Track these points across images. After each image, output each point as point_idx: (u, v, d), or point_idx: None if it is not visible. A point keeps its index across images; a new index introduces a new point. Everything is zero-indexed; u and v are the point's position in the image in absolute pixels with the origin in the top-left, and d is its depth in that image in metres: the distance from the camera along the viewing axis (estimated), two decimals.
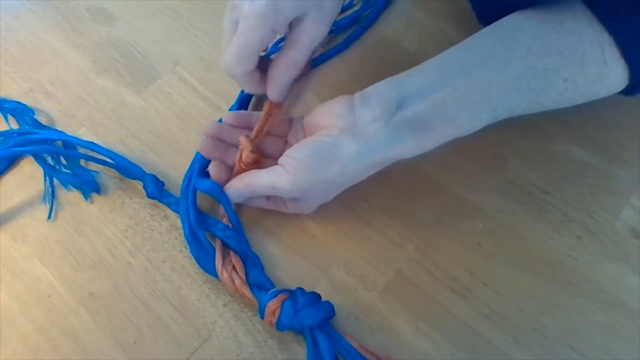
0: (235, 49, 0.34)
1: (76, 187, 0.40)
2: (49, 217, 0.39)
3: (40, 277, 0.37)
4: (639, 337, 0.33)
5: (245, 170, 0.37)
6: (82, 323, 0.35)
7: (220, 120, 0.40)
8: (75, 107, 0.45)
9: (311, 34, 0.34)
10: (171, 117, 0.44)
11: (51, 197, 0.40)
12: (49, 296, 0.36)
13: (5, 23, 0.51)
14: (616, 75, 0.33)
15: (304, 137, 0.37)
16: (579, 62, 0.32)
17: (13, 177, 0.42)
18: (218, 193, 0.36)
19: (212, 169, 0.38)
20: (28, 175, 0.42)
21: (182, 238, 0.38)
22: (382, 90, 0.34)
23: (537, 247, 0.37)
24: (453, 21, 0.49)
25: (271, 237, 0.38)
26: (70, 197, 0.40)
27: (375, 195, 0.39)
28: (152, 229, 0.39)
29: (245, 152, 0.37)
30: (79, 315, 0.35)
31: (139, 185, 0.41)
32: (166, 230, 0.39)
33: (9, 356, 0.34)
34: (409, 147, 0.33)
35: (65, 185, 0.41)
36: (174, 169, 0.41)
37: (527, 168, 0.40)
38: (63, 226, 0.39)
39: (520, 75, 0.32)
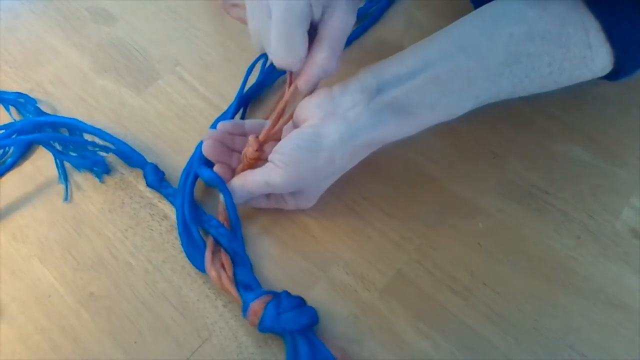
0: (282, 36, 0.32)
1: (87, 169, 0.41)
2: (66, 198, 0.40)
3: (40, 277, 0.37)
4: (639, 337, 0.33)
5: (249, 167, 0.37)
6: (82, 323, 0.35)
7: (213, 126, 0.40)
8: (75, 107, 0.45)
9: (343, 22, 0.33)
10: (171, 117, 0.44)
11: (64, 179, 0.41)
12: (49, 296, 0.36)
13: (5, 23, 0.51)
14: (601, 58, 0.33)
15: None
16: (563, 46, 0.32)
17: (13, 177, 0.42)
18: (219, 183, 0.37)
19: (217, 169, 0.38)
20: (28, 175, 0.42)
21: None
22: (361, 77, 0.34)
23: (537, 247, 0.37)
24: (453, 21, 0.48)
25: (271, 236, 0.38)
26: (71, 196, 0.40)
27: (376, 195, 0.39)
28: (152, 229, 0.39)
29: (251, 149, 0.37)
30: (79, 315, 0.35)
31: (139, 185, 0.41)
32: (166, 230, 0.39)
33: (9, 356, 0.34)
34: (392, 129, 0.33)
35: (77, 168, 0.41)
36: (174, 169, 0.41)
37: (527, 168, 0.40)
38: (63, 226, 0.39)
39: (503, 62, 0.32)
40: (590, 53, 0.32)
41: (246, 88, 0.45)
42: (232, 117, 0.43)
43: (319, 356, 0.32)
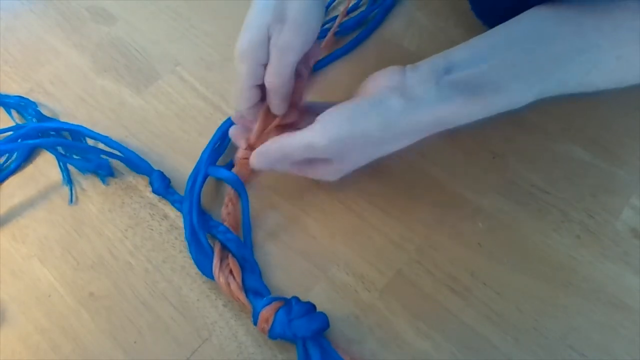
0: (237, 95, 0.37)
1: (91, 172, 0.41)
2: (70, 201, 0.40)
3: (40, 277, 0.37)
4: (639, 337, 0.33)
5: (241, 167, 0.38)
6: (82, 323, 0.35)
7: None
8: (75, 107, 0.45)
9: (280, 45, 0.35)
10: (171, 117, 0.44)
11: (68, 181, 0.41)
12: (49, 296, 0.36)
13: (5, 23, 0.51)
14: None
15: None
16: (633, 41, 0.31)
17: (13, 177, 0.42)
18: (237, 184, 0.37)
19: (233, 131, 0.39)
20: (28, 176, 0.42)
21: (182, 238, 0.38)
22: (431, 60, 0.34)
23: (537, 247, 0.37)
24: (453, 21, 0.49)
25: (271, 236, 0.38)
26: (75, 199, 0.40)
27: (376, 195, 0.39)
28: (152, 229, 0.39)
29: (241, 150, 0.38)
30: (79, 315, 0.35)
31: (139, 185, 0.41)
32: (166, 230, 0.39)
33: (9, 356, 0.34)
34: (458, 108, 0.32)
35: (81, 171, 0.41)
36: (174, 169, 0.41)
37: (527, 168, 0.40)
38: (63, 226, 0.39)
39: (570, 49, 0.32)
40: None
41: None
42: None
43: None
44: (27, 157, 0.42)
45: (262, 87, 0.37)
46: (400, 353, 0.33)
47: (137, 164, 0.41)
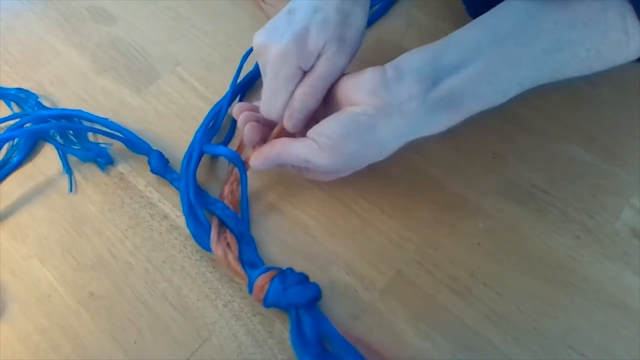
0: (266, 95, 0.35)
1: (90, 160, 0.42)
2: (70, 190, 0.40)
3: (40, 277, 0.37)
4: (639, 337, 0.33)
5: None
6: (82, 323, 0.35)
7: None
8: (75, 107, 0.45)
9: (330, 63, 0.34)
10: (171, 117, 0.44)
11: (68, 170, 0.41)
12: (49, 296, 0.36)
13: (5, 23, 0.51)
14: (635, 43, 0.32)
15: (329, 109, 0.36)
16: (601, 31, 0.32)
17: (13, 176, 0.42)
18: (233, 156, 0.38)
19: (247, 129, 0.37)
20: (28, 175, 0.42)
21: (182, 238, 0.38)
22: (417, 65, 0.33)
23: (537, 247, 0.37)
24: (453, 21, 0.49)
25: (271, 236, 0.38)
26: (71, 197, 0.40)
27: (376, 195, 0.39)
28: (152, 229, 0.39)
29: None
30: (79, 315, 0.35)
31: (139, 185, 0.41)
32: (166, 230, 0.39)
33: (9, 356, 0.34)
34: (442, 124, 0.34)
35: (81, 159, 0.42)
36: (174, 169, 0.41)
37: (527, 168, 0.40)
38: (63, 226, 0.39)
39: (547, 49, 0.32)
40: (626, 37, 0.32)
41: (241, 77, 0.45)
42: (228, 107, 0.44)
43: (323, 329, 0.33)
44: (30, 150, 0.42)
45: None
46: (400, 353, 0.33)
47: (136, 144, 0.41)
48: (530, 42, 0.32)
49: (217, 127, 0.43)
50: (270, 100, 0.36)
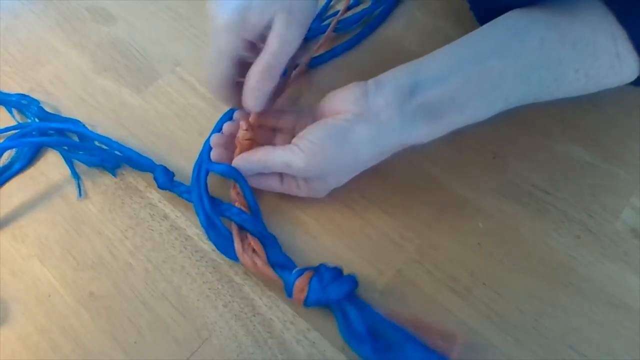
0: (210, 67, 0.34)
1: (97, 165, 0.41)
2: (79, 194, 0.40)
3: (40, 277, 0.37)
4: (639, 337, 0.33)
5: (246, 149, 0.38)
6: (82, 323, 0.35)
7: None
8: (75, 107, 0.45)
9: (283, 38, 0.33)
10: (171, 117, 0.44)
11: (75, 176, 0.41)
12: (49, 296, 0.36)
13: (5, 23, 0.51)
14: (628, 67, 0.33)
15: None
16: (591, 55, 0.32)
17: (13, 177, 0.42)
18: (234, 173, 0.37)
19: (213, 154, 0.39)
20: (28, 176, 0.42)
21: (182, 238, 0.38)
22: (396, 76, 0.34)
23: (537, 247, 0.37)
24: (453, 21, 0.49)
25: None
26: (71, 196, 0.40)
27: (375, 194, 0.39)
28: (152, 229, 0.39)
29: (242, 132, 0.37)
30: (79, 315, 0.35)
31: (139, 185, 0.41)
32: (166, 230, 0.39)
33: (9, 356, 0.34)
34: (421, 133, 0.34)
35: (87, 165, 0.41)
36: (174, 169, 0.41)
37: (527, 168, 0.40)
38: (63, 226, 0.39)
39: (533, 66, 0.33)
40: (618, 62, 0.32)
41: None
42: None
43: (369, 317, 0.33)
44: (32, 158, 0.42)
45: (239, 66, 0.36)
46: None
47: (138, 162, 0.41)
48: (515, 58, 0.33)
49: None
50: (210, 70, 0.35)
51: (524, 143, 0.41)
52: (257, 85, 0.34)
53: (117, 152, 0.41)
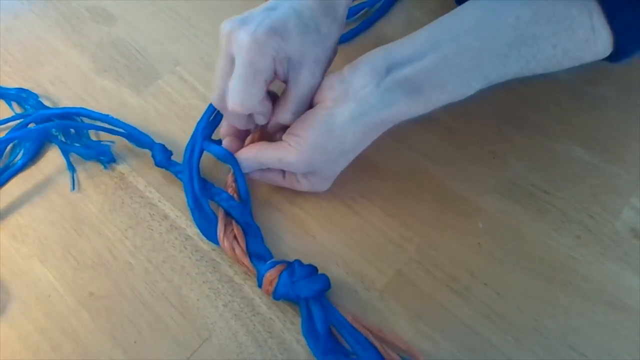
0: (241, 82, 0.34)
1: (93, 159, 0.42)
2: (73, 187, 0.41)
3: (40, 277, 0.37)
4: (639, 337, 0.33)
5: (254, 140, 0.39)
6: (82, 323, 0.35)
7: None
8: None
9: (306, 82, 0.35)
10: (171, 117, 0.44)
11: (71, 168, 0.41)
12: (49, 296, 0.36)
13: (5, 23, 0.51)
14: (602, 41, 0.33)
15: None
16: (568, 29, 0.32)
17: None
18: (227, 156, 0.38)
19: (226, 143, 0.39)
20: (28, 175, 0.42)
21: (182, 238, 0.38)
22: (370, 58, 0.35)
23: (537, 247, 0.37)
24: None
25: (270, 235, 0.38)
26: (71, 197, 0.40)
27: (375, 193, 0.39)
28: (152, 229, 0.39)
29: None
30: (79, 315, 0.35)
31: (139, 185, 0.41)
32: (166, 230, 0.39)
33: (9, 356, 0.34)
34: (402, 108, 0.34)
35: (84, 157, 0.42)
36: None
37: (527, 168, 0.40)
38: (63, 226, 0.39)
39: (510, 43, 0.33)
40: (593, 36, 0.33)
41: None
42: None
43: (332, 318, 0.33)
44: (36, 153, 0.42)
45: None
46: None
47: (139, 138, 0.41)
48: (491, 36, 0.33)
49: (218, 120, 0.42)
50: (242, 91, 0.34)
51: (524, 143, 0.41)
52: (292, 119, 0.36)
53: (119, 129, 0.42)
